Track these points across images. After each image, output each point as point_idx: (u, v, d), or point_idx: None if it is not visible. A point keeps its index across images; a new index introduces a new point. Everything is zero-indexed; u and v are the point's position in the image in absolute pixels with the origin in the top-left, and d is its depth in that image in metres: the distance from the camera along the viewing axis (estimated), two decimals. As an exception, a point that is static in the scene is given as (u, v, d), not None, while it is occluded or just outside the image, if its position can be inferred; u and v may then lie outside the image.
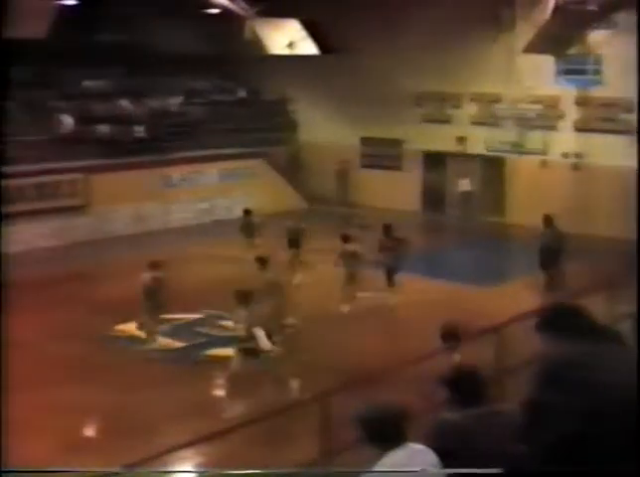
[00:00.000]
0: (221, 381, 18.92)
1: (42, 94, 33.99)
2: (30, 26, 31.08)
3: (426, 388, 8.69)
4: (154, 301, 19.67)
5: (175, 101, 37.02)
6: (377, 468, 6.14)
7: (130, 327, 21.00)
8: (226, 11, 32.70)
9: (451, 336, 13.22)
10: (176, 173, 34.17)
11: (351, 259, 22.51)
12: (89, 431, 16.36)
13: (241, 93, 39.64)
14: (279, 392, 17.29)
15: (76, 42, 34.31)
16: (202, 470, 13.75)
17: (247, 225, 27.24)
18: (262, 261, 20.12)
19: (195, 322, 21.80)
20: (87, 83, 36.10)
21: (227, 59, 37.48)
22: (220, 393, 18.69)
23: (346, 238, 23.13)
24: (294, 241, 26.00)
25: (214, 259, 27.59)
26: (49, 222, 30.39)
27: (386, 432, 6.28)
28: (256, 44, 33.06)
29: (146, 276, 19.67)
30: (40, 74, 34.76)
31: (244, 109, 38.00)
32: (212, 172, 35.24)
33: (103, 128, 33.46)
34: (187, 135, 34.83)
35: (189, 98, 37.66)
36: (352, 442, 7.57)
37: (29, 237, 29.62)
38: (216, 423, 15.28)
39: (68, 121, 32.82)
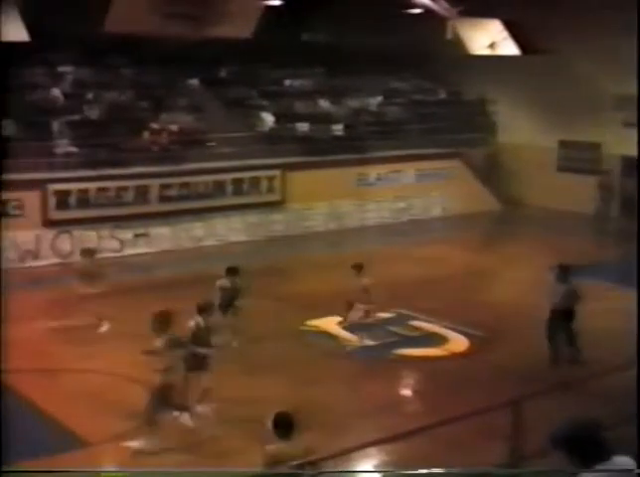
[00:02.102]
0: (410, 380, 18.87)
1: (244, 92, 34.72)
2: (236, 26, 31.84)
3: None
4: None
5: (374, 101, 37.15)
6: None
7: (324, 322, 21.16)
8: (427, 11, 32.61)
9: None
10: (373, 172, 34.26)
11: None
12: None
13: (441, 94, 39.45)
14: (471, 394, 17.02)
15: (278, 42, 34.91)
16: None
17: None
18: None
19: (387, 321, 21.78)
20: (289, 82, 36.66)
21: (427, 59, 37.34)
22: (408, 392, 18.61)
23: None
24: None
25: (408, 259, 27.56)
26: (245, 217, 30.98)
27: (588, 450, 6.06)
28: (457, 44, 32.86)
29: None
30: (242, 72, 35.54)
31: (444, 110, 37.77)
32: (409, 172, 35.15)
33: (303, 126, 33.89)
34: (385, 135, 34.87)
35: (388, 98, 37.71)
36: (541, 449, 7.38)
37: (224, 231, 30.35)
38: (403, 422, 15.24)
39: (268, 119, 33.39)
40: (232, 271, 19.50)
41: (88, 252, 21.76)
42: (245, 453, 13.49)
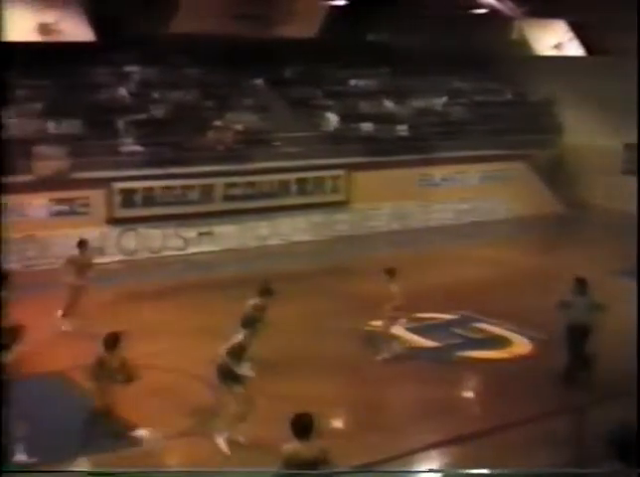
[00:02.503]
0: (473, 382, 18.77)
1: (309, 92, 34.77)
2: (301, 26, 31.94)
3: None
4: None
5: (439, 101, 37.00)
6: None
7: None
8: (493, 11, 32.43)
9: None
10: (437, 172, 34.14)
11: None
12: (337, 425, 16.48)
13: (506, 94, 39.16)
14: (534, 398, 16.88)
15: (343, 41, 34.93)
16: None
17: None
18: None
19: (450, 322, 21.68)
20: (354, 82, 36.64)
21: (492, 59, 37.11)
22: (470, 394, 18.50)
23: None
24: None
25: (471, 261, 27.42)
26: (309, 216, 31.03)
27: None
28: (523, 44, 32.67)
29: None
30: (307, 72, 35.59)
31: (508, 110, 37.49)
32: (473, 173, 34.97)
33: (367, 126, 33.86)
34: (449, 135, 34.71)
35: (453, 99, 37.54)
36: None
37: (288, 230, 30.43)
38: (463, 425, 15.19)
39: (333, 119, 33.40)
40: (266, 292, 17.75)
41: (83, 244, 21.48)
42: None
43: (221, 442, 14.13)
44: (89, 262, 21.07)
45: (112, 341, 13.69)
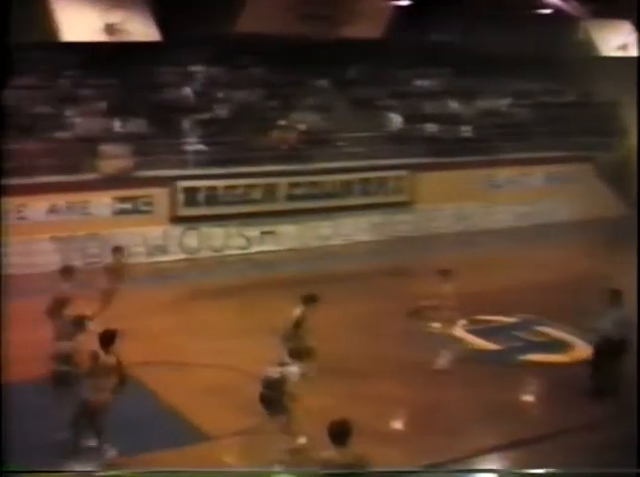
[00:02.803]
0: (533, 386, 18.62)
1: (373, 93, 34.74)
2: (366, 26, 31.92)
3: None
4: None
5: (503, 102, 36.77)
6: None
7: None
8: (558, 11, 32.14)
9: None
10: (501, 174, 33.92)
11: None
12: (398, 425, 16.46)
13: (571, 96, 38.78)
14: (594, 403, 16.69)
15: (407, 42, 34.82)
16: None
17: None
18: None
19: (512, 325, 21.54)
20: (418, 82, 36.52)
21: (557, 60, 36.74)
22: (531, 398, 18.36)
23: None
24: None
25: (534, 263, 27.20)
26: (371, 217, 30.99)
27: None
28: (588, 45, 32.33)
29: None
30: (371, 72, 35.56)
31: (573, 112, 37.11)
32: (537, 174, 34.69)
33: (431, 127, 33.75)
34: (514, 136, 34.45)
35: (517, 100, 37.26)
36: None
37: (350, 231, 30.44)
38: (523, 428, 15.08)
39: (396, 119, 33.34)
40: (309, 299, 17.18)
41: (118, 250, 21.60)
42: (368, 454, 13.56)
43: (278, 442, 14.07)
44: (123, 268, 21.15)
45: (108, 338, 13.70)
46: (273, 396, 13.68)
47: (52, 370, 15.40)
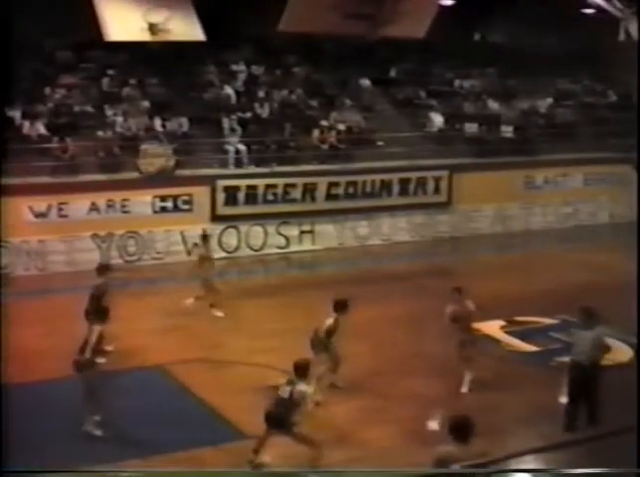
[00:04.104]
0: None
1: (414, 92, 34.72)
2: (411, 26, 31.91)
3: None
4: None
5: (544, 103, 36.58)
6: None
7: (487, 326, 20.97)
8: (600, 11, 31.91)
9: None
10: (541, 175, 33.78)
11: None
12: (434, 425, 16.46)
13: (612, 96, 38.53)
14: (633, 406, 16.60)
15: (449, 41, 34.80)
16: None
17: None
18: None
19: (550, 327, 21.47)
20: (459, 83, 36.46)
21: (599, 60, 36.56)
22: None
23: None
24: None
25: (573, 265, 27.08)
26: (411, 217, 30.98)
27: None
28: (630, 45, 32.03)
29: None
30: (413, 72, 35.55)
31: (614, 113, 36.87)
32: (577, 176, 34.52)
33: (472, 127, 33.68)
34: (555, 137, 34.31)
35: (558, 100, 37.08)
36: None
37: (389, 231, 30.46)
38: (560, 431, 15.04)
39: (437, 119, 33.30)
40: (342, 306, 16.90)
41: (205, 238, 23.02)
42: (405, 452, 13.59)
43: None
44: (210, 257, 22.65)
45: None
46: (281, 414, 13.44)
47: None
